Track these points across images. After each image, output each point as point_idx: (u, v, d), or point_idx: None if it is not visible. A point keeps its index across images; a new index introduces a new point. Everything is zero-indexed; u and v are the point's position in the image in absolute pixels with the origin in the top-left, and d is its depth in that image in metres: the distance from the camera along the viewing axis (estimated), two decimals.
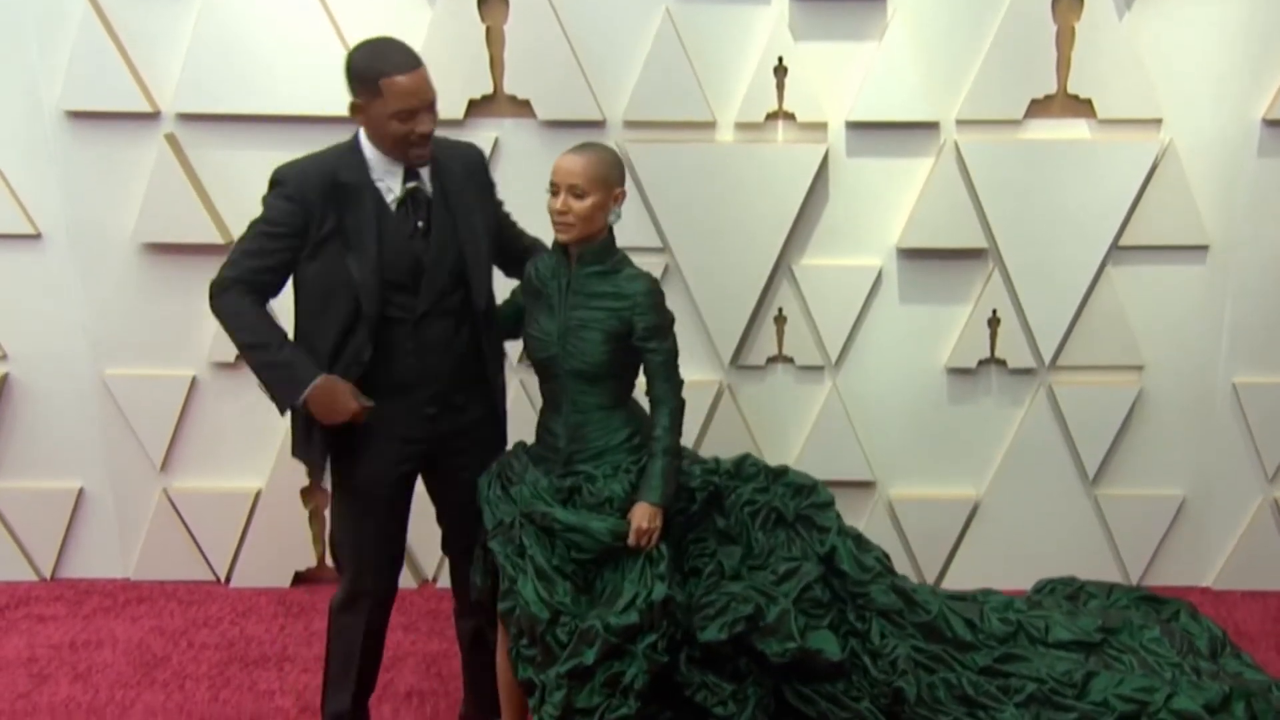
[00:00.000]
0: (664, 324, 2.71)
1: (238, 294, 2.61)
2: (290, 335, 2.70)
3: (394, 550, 2.91)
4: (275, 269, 2.64)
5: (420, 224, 2.70)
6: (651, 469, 2.70)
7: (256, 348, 2.63)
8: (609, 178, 2.65)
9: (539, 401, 2.85)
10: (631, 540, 2.66)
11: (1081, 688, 2.84)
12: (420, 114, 2.57)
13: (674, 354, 2.74)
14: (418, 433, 2.78)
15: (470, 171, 2.80)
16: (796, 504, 2.92)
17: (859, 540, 2.95)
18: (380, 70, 2.54)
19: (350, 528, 2.84)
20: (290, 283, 2.70)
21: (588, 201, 2.61)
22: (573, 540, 2.66)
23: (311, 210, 2.60)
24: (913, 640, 2.91)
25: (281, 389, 2.65)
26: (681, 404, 2.75)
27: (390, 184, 2.67)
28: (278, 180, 2.63)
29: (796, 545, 2.87)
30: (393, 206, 2.68)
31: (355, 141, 2.68)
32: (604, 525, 2.65)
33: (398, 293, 2.68)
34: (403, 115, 2.56)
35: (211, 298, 2.65)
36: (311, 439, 2.76)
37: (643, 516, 2.67)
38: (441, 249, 2.71)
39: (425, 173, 2.71)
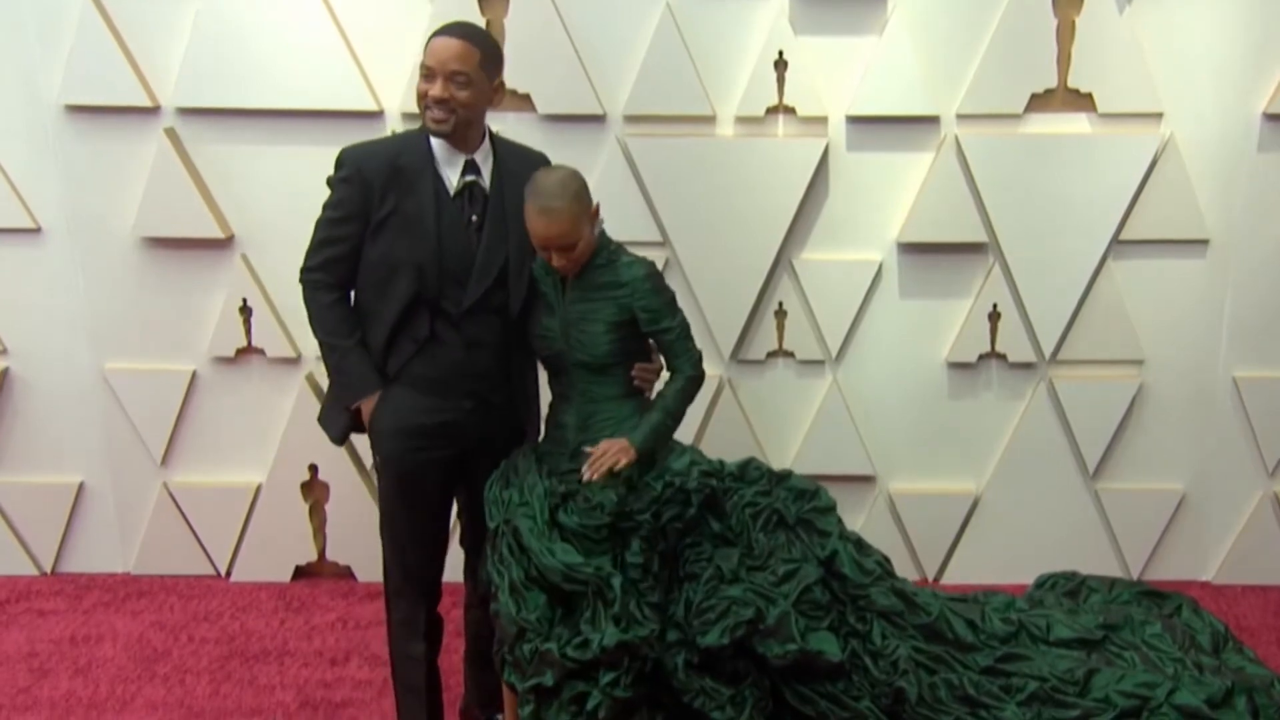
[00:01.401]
0: (667, 303, 2.71)
1: (317, 289, 2.76)
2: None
3: (432, 543, 2.90)
4: (348, 255, 2.73)
5: (475, 218, 2.73)
6: (647, 418, 2.71)
7: (328, 348, 2.79)
8: (584, 208, 2.61)
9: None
10: (587, 468, 2.66)
11: (1083, 685, 2.84)
12: (436, 78, 2.61)
13: (686, 327, 2.75)
14: (454, 427, 2.80)
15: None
16: (798, 508, 2.91)
17: (860, 544, 2.95)
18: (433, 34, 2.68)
19: (389, 512, 2.87)
20: None
21: (578, 250, 2.62)
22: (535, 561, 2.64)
23: (370, 190, 2.67)
24: (914, 641, 2.90)
25: (342, 391, 2.82)
26: (699, 375, 2.76)
27: (450, 175, 2.72)
28: (338, 163, 2.72)
29: (797, 548, 2.86)
30: (451, 196, 2.72)
31: (424, 128, 2.72)
32: (557, 564, 2.59)
33: (449, 283, 2.71)
34: (424, 72, 2.64)
35: (301, 285, 2.78)
36: (335, 415, 2.86)
37: (615, 444, 2.68)
38: (492, 246, 2.73)
39: (486, 170, 2.75)
